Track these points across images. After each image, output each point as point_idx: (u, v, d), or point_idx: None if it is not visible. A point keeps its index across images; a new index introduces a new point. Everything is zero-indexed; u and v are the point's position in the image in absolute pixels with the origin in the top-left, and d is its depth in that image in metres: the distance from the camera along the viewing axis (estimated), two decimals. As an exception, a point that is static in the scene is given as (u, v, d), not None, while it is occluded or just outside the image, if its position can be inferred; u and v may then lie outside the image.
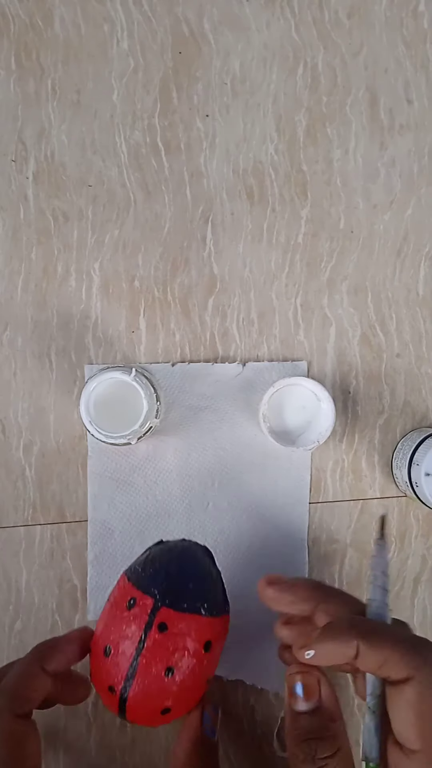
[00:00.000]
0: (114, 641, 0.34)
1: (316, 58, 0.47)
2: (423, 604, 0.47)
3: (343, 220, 0.47)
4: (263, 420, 0.42)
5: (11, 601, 0.46)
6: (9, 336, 0.46)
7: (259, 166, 0.47)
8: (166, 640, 0.34)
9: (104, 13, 0.47)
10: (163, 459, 0.46)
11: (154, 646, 0.34)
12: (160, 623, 0.34)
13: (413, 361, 0.47)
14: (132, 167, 0.47)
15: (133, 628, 0.34)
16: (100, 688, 0.36)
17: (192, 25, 0.47)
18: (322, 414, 0.43)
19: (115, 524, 0.46)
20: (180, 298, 0.47)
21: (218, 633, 0.36)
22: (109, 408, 0.41)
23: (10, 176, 0.46)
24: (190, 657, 0.34)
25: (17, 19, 0.47)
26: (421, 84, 0.47)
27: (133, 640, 0.34)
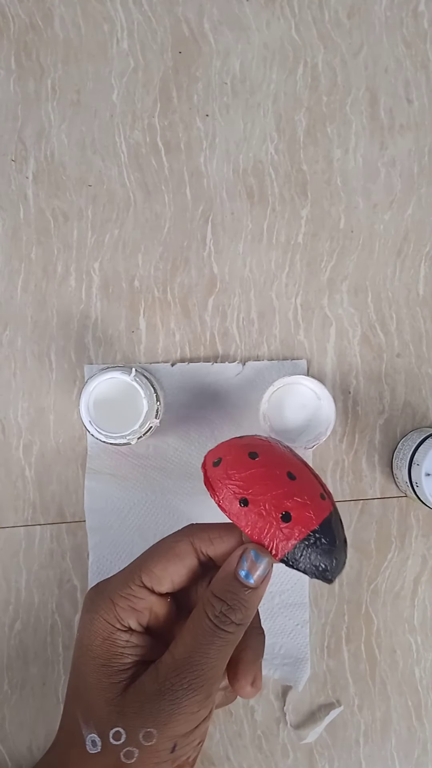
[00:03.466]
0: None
1: (316, 58, 0.47)
2: (423, 604, 0.46)
3: (343, 219, 0.47)
4: (263, 419, 0.42)
5: (11, 601, 0.45)
6: (9, 336, 0.46)
7: (259, 166, 0.47)
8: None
9: (104, 13, 0.47)
10: (163, 459, 0.46)
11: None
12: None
13: (413, 361, 0.47)
14: (132, 167, 0.47)
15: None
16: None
17: (192, 25, 0.47)
18: (323, 413, 0.43)
19: (114, 525, 0.46)
20: (180, 298, 0.47)
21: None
22: (109, 408, 0.41)
23: (10, 176, 0.46)
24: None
25: (17, 19, 0.47)
26: (421, 84, 0.47)
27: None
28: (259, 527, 0.30)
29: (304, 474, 0.32)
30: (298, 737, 0.45)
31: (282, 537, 0.30)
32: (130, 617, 0.31)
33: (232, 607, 0.30)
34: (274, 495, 0.31)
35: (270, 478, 0.31)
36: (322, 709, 0.46)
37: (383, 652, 0.46)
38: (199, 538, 0.32)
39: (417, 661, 0.46)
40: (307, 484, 0.32)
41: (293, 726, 0.46)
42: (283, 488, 0.31)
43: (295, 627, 0.45)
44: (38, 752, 0.45)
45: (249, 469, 0.32)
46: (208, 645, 0.29)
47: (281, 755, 0.46)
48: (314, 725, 0.46)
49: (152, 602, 0.31)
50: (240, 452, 0.33)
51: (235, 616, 0.30)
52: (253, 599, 0.30)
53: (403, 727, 0.46)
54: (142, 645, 0.31)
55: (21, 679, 0.45)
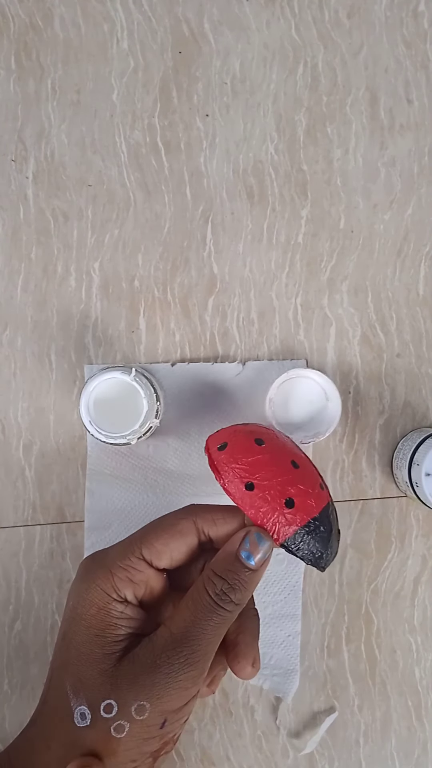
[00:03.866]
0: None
1: (316, 58, 0.47)
2: (423, 604, 0.46)
3: (343, 219, 0.47)
4: (269, 404, 0.42)
5: (11, 601, 0.45)
6: (9, 336, 0.46)
7: (259, 166, 0.47)
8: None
9: (104, 13, 0.47)
10: (163, 459, 0.46)
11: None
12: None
13: (413, 361, 0.47)
14: (132, 167, 0.47)
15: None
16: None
17: (192, 25, 0.47)
18: (327, 413, 0.43)
19: (114, 525, 0.46)
20: (180, 298, 0.47)
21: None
22: (109, 408, 0.41)
23: (10, 176, 0.46)
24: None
25: (17, 19, 0.47)
26: (421, 84, 0.47)
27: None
28: (263, 511, 0.31)
29: (306, 464, 0.33)
30: (296, 748, 0.45)
31: (284, 522, 0.31)
32: (126, 588, 0.31)
33: (233, 586, 0.30)
34: (279, 481, 0.31)
35: (276, 464, 0.32)
36: (319, 716, 0.46)
37: (383, 652, 0.46)
38: (202, 518, 0.32)
39: (417, 661, 0.46)
40: (309, 473, 0.33)
41: (291, 735, 0.46)
42: (288, 475, 0.32)
43: (286, 638, 0.45)
44: (38, 752, 0.45)
45: (255, 455, 0.32)
46: (206, 621, 0.30)
47: (281, 755, 0.46)
48: (312, 733, 0.46)
49: (150, 576, 0.31)
50: (246, 438, 0.33)
51: (235, 595, 0.30)
52: (253, 580, 0.31)
53: (403, 727, 0.46)
54: (136, 618, 0.31)
55: (21, 679, 0.45)
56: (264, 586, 0.46)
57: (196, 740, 0.45)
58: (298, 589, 0.46)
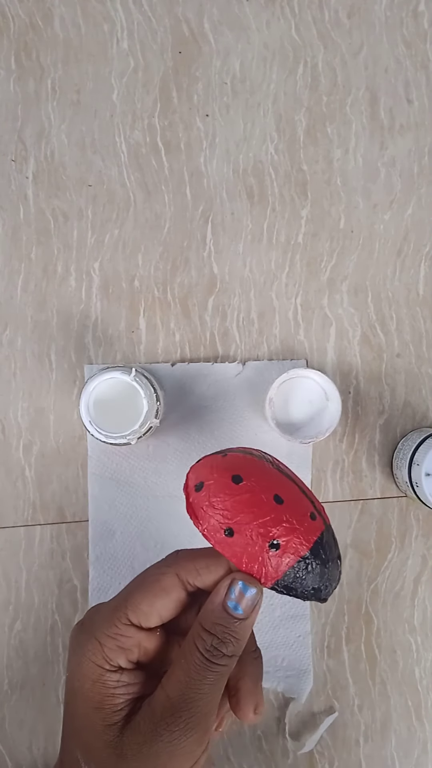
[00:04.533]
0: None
1: (316, 58, 0.47)
2: (423, 604, 0.46)
3: (343, 219, 0.47)
4: (269, 404, 0.42)
5: (11, 601, 0.45)
6: (9, 336, 0.46)
7: (259, 166, 0.47)
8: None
9: (104, 13, 0.47)
10: (163, 459, 0.46)
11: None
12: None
13: (413, 361, 0.47)
14: (132, 167, 0.47)
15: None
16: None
17: (192, 25, 0.47)
18: (327, 414, 0.43)
19: (115, 525, 0.46)
20: (180, 298, 0.47)
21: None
22: (109, 408, 0.41)
23: (10, 176, 0.46)
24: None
25: (17, 19, 0.47)
26: (421, 84, 0.47)
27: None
28: (246, 557, 0.29)
29: (292, 494, 0.31)
30: (296, 747, 0.45)
31: (271, 566, 0.29)
32: (118, 657, 0.30)
33: (223, 640, 0.29)
34: (260, 523, 0.29)
35: (256, 504, 0.30)
36: (318, 716, 0.46)
37: (383, 652, 0.46)
38: (185, 569, 0.31)
39: (417, 661, 0.46)
40: (296, 505, 0.30)
41: (291, 736, 0.46)
42: (270, 514, 0.30)
43: (297, 639, 0.45)
44: (38, 752, 0.45)
45: (233, 496, 0.30)
46: (201, 681, 0.28)
47: (281, 755, 0.46)
48: (311, 732, 0.46)
49: (140, 638, 0.30)
50: (223, 476, 0.31)
51: (227, 648, 0.29)
52: (244, 629, 0.29)
53: (403, 727, 0.46)
54: (133, 682, 0.30)
55: (21, 679, 0.45)
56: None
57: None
58: None
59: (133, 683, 0.30)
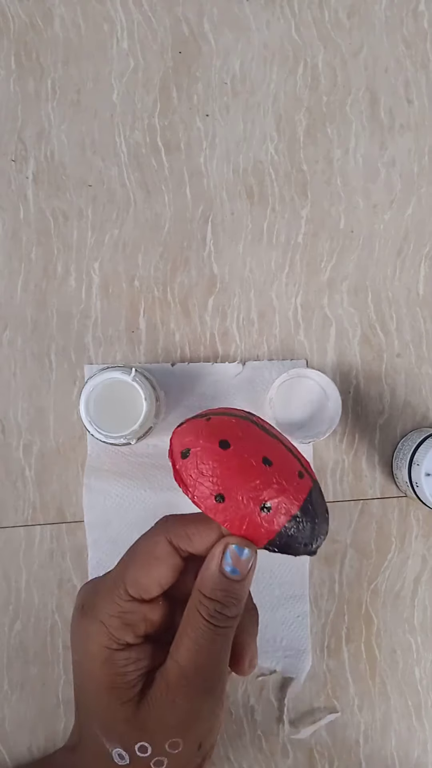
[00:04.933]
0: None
1: (316, 58, 0.47)
2: (423, 604, 0.46)
3: (343, 219, 0.47)
4: (269, 404, 0.42)
5: (11, 601, 0.45)
6: (9, 336, 0.46)
7: (259, 166, 0.47)
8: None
9: (104, 13, 0.47)
10: (163, 459, 0.46)
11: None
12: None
13: (413, 361, 0.47)
14: (132, 167, 0.47)
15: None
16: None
17: (192, 25, 0.47)
18: (327, 413, 0.43)
19: (114, 521, 0.46)
20: (180, 298, 0.47)
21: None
22: (109, 408, 0.41)
23: (10, 176, 0.46)
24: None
25: (17, 19, 0.47)
26: (421, 84, 0.47)
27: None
28: (238, 520, 0.29)
29: (279, 455, 0.31)
30: (292, 731, 0.45)
31: (263, 527, 0.29)
32: (125, 634, 0.30)
33: (225, 603, 0.29)
34: (251, 487, 0.29)
35: (245, 468, 0.30)
36: (319, 711, 0.46)
37: (383, 652, 0.46)
38: (176, 535, 0.31)
39: (417, 661, 0.46)
40: (284, 466, 0.30)
41: (290, 721, 0.46)
42: (260, 477, 0.30)
43: (295, 619, 0.46)
44: (38, 752, 0.45)
45: (222, 462, 0.30)
46: (209, 645, 0.29)
47: (281, 755, 0.46)
48: (310, 723, 0.46)
49: (144, 611, 0.30)
50: (209, 441, 0.31)
51: (230, 611, 0.29)
52: (243, 590, 0.30)
53: (403, 727, 0.46)
54: (143, 657, 0.30)
55: (21, 679, 0.45)
56: (271, 569, 0.46)
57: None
58: (305, 569, 0.46)
59: (142, 658, 0.30)
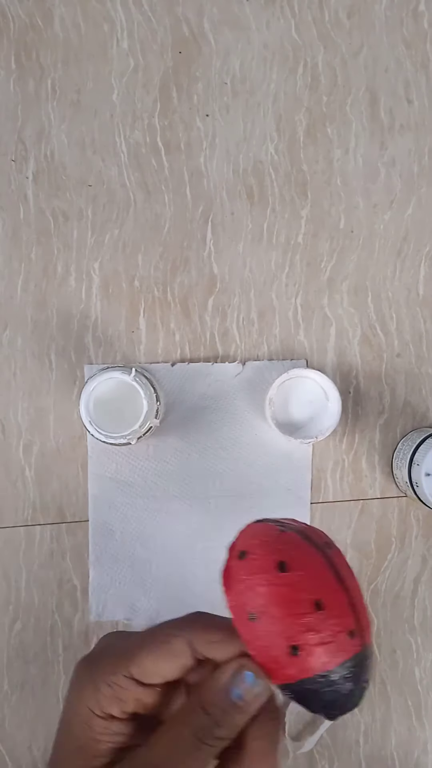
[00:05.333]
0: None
1: (316, 58, 0.47)
2: (423, 604, 0.46)
3: (343, 219, 0.47)
4: (269, 404, 0.42)
5: (11, 601, 0.45)
6: (9, 336, 0.46)
7: (259, 166, 0.47)
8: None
9: (104, 13, 0.47)
10: (164, 459, 0.46)
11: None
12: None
13: (413, 361, 0.47)
14: (132, 167, 0.47)
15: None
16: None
17: (192, 25, 0.47)
18: (327, 413, 0.43)
19: (115, 525, 0.46)
20: (180, 298, 0.47)
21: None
22: (109, 408, 0.41)
23: (10, 176, 0.46)
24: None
25: (17, 19, 0.47)
26: (421, 84, 0.47)
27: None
28: (263, 650, 0.27)
29: (336, 603, 0.28)
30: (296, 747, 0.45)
31: (284, 669, 0.27)
32: (112, 706, 0.29)
33: (217, 723, 0.28)
34: (289, 623, 0.27)
35: (293, 602, 0.27)
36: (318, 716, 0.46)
37: (383, 652, 0.46)
38: (198, 639, 0.29)
39: (417, 661, 0.46)
40: (336, 617, 0.27)
41: (291, 736, 0.46)
42: (303, 618, 0.27)
43: None
44: (38, 752, 0.45)
45: (272, 584, 0.27)
46: (185, 755, 0.27)
47: (281, 755, 0.46)
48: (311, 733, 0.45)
49: (139, 693, 0.29)
50: (270, 556, 0.28)
51: (220, 731, 0.28)
52: (243, 718, 0.28)
53: (403, 727, 0.46)
54: (122, 733, 0.29)
55: (21, 679, 0.45)
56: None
57: (196, 740, 0.45)
58: None
59: (121, 733, 0.29)
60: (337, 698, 0.27)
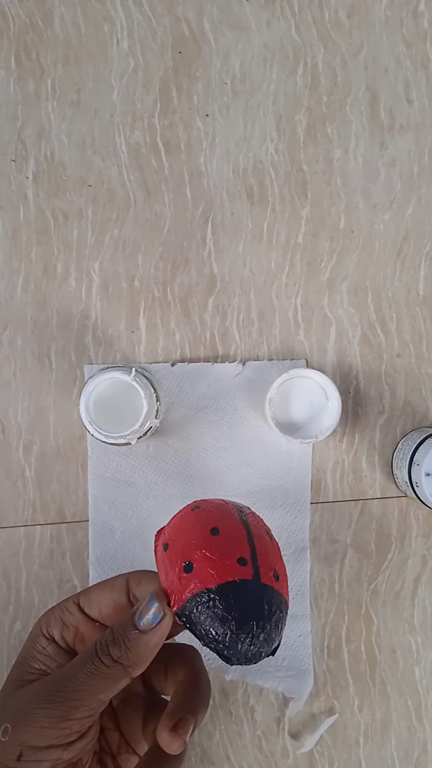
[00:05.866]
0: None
1: (316, 58, 0.47)
2: (423, 604, 0.46)
3: (343, 219, 0.47)
4: (269, 404, 0.42)
5: (11, 601, 0.46)
6: (9, 336, 0.46)
7: (259, 166, 0.47)
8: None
9: (104, 13, 0.47)
10: (164, 459, 0.46)
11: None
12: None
13: (413, 361, 0.47)
14: (132, 167, 0.47)
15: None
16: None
17: (192, 25, 0.47)
18: (327, 414, 0.43)
19: (116, 525, 0.46)
20: (180, 298, 0.47)
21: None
22: (109, 408, 0.41)
23: (10, 176, 0.46)
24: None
25: (17, 19, 0.47)
26: (421, 84, 0.47)
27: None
28: (165, 574, 0.30)
29: (233, 533, 0.30)
30: (296, 747, 0.45)
31: (179, 587, 0.29)
32: (55, 627, 0.33)
33: (116, 640, 0.30)
34: (185, 543, 0.30)
35: (194, 529, 0.30)
36: (318, 716, 0.46)
37: (383, 652, 0.46)
38: (134, 577, 0.33)
39: (417, 661, 0.46)
40: (229, 543, 0.30)
41: (291, 736, 0.46)
42: (198, 540, 0.29)
43: (297, 638, 0.45)
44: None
45: (182, 519, 0.32)
46: (80, 668, 0.30)
47: (281, 755, 0.46)
48: (311, 733, 0.46)
49: (79, 621, 0.33)
50: (191, 505, 0.33)
51: (114, 650, 0.29)
52: (139, 643, 0.30)
53: (403, 727, 0.46)
54: (54, 658, 0.32)
55: (21, 679, 0.45)
56: None
57: (196, 740, 0.45)
58: (305, 589, 0.46)
59: (53, 658, 0.32)
60: (220, 625, 0.28)
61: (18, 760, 0.29)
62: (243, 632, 0.28)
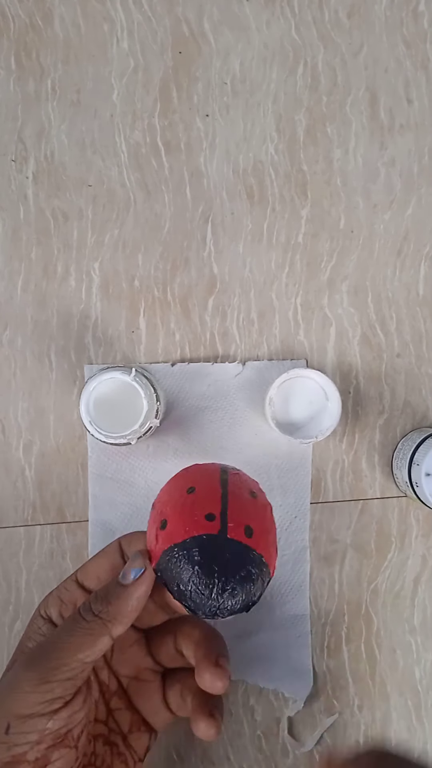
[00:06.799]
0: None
1: (316, 58, 0.47)
2: (423, 604, 0.46)
3: (343, 219, 0.47)
4: (269, 404, 0.42)
5: (11, 601, 0.46)
6: (9, 336, 0.46)
7: (259, 166, 0.47)
8: (240, 478, 0.33)
9: (104, 13, 0.47)
10: (164, 459, 0.46)
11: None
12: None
13: (413, 361, 0.47)
14: (132, 167, 0.47)
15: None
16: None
17: (192, 25, 0.47)
18: (327, 414, 0.43)
19: (116, 525, 0.46)
20: (180, 298, 0.47)
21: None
22: (109, 408, 0.41)
23: (10, 176, 0.46)
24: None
25: (17, 19, 0.47)
26: (421, 84, 0.47)
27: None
28: (150, 534, 0.31)
29: (208, 491, 0.31)
30: (296, 746, 0.45)
31: (155, 544, 0.30)
32: (53, 606, 0.33)
33: (98, 596, 0.31)
34: (164, 502, 0.31)
35: (173, 488, 0.32)
36: (318, 716, 0.46)
37: (383, 652, 0.46)
38: (126, 539, 0.34)
39: (417, 661, 0.46)
40: (201, 501, 0.30)
41: (291, 735, 0.46)
42: (174, 498, 0.31)
43: (296, 639, 0.45)
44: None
45: (169, 482, 0.33)
46: (61, 629, 0.30)
47: (281, 755, 0.46)
48: (311, 732, 0.46)
49: (77, 596, 0.33)
50: (182, 469, 0.34)
51: (95, 605, 0.30)
52: (120, 597, 0.30)
53: (403, 727, 0.46)
54: (48, 635, 0.33)
55: (21, 679, 0.45)
56: (271, 588, 0.46)
57: (196, 740, 0.45)
58: (305, 588, 0.46)
59: (46, 634, 0.33)
60: (186, 576, 0.29)
61: (6, 733, 0.29)
62: (205, 585, 0.28)
